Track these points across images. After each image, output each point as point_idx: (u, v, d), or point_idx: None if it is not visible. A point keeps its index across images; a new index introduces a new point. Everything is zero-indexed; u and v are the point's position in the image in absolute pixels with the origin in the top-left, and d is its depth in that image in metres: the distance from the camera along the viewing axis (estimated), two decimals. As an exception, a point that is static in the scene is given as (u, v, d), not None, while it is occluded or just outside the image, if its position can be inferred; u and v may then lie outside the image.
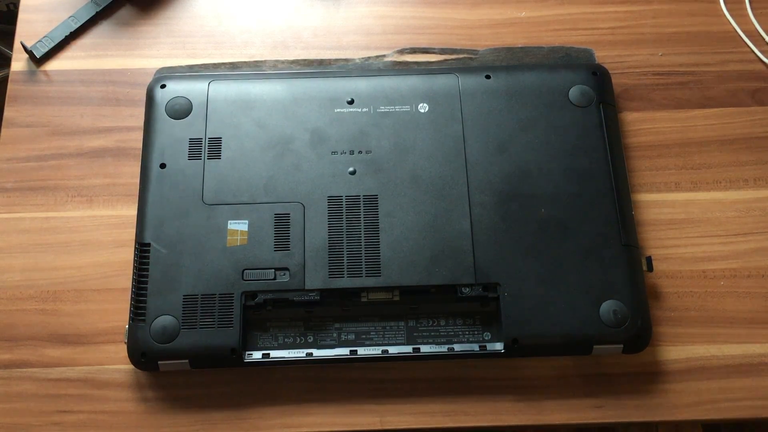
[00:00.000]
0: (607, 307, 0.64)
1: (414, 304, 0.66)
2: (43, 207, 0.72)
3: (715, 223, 0.72)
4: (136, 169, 0.71)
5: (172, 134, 0.71)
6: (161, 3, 0.82)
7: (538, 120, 0.72)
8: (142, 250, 0.66)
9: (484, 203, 0.68)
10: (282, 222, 0.67)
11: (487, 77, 0.74)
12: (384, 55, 0.80)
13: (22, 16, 0.81)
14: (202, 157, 0.70)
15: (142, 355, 0.63)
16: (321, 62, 0.79)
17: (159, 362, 0.63)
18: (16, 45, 0.79)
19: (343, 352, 0.65)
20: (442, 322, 0.66)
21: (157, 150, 0.70)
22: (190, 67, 0.78)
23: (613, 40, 0.81)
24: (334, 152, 0.70)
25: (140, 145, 0.72)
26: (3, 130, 0.75)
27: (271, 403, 0.65)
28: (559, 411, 0.65)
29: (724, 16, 0.82)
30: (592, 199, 0.68)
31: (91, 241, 0.71)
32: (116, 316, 0.68)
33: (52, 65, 0.79)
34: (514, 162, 0.70)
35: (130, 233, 0.68)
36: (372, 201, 0.68)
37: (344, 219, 0.67)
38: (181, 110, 0.72)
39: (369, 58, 0.79)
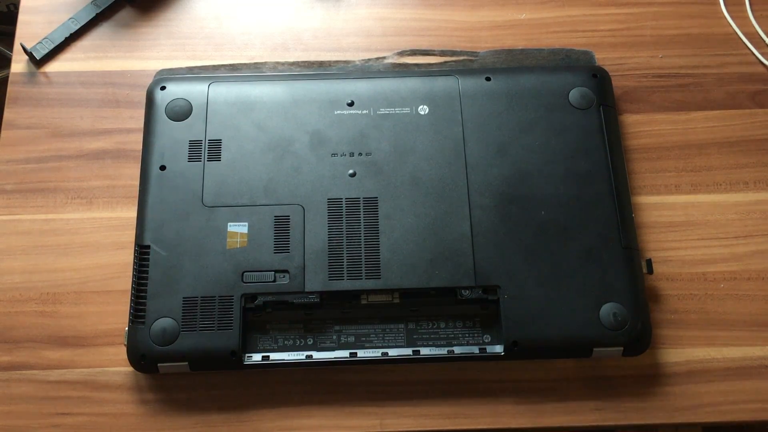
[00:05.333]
0: (607, 309, 0.64)
1: (414, 307, 0.66)
2: (43, 209, 0.72)
3: (715, 226, 0.72)
4: (136, 171, 0.71)
5: (172, 136, 0.71)
6: (161, 5, 0.82)
7: (539, 122, 0.72)
8: (141, 252, 0.66)
9: (484, 205, 0.68)
10: (282, 224, 0.67)
11: (488, 79, 0.74)
12: (384, 57, 0.80)
13: (22, 17, 0.81)
14: (202, 159, 0.70)
15: (141, 357, 0.63)
16: (321, 64, 0.79)
17: (159, 364, 0.63)
18: (16, 46, 0.79)
19: (343, 354, 0.64)
20: (442, 325, 0.66)
21: (157, 152, 0.70)
22: (190, 69, 0.78)
23: (614, 42, 0.81)
24: (334, 154, 0.70)
25: (140, 146, 0.72)
26: (3, 131, 0.75)
27: (271, 405, 0.65)
28: (558, 413, 0.65)
29: (725, 18, 0.82)
30: (592, 201, 0.68)
31: (90, 243, 0.71)
32: (116, 318, 0.68)
33: (52, 67, 0.79)
34: (514, 164, 0.70)
35: (130, 235, 0.68)
36: (372, 203, 0.68)
37: (344, 221, 0.67)
38: (181, 112, 0.72)
39: (369, 60, 0.79)
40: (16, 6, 1.21)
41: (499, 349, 0.65)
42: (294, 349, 0.65)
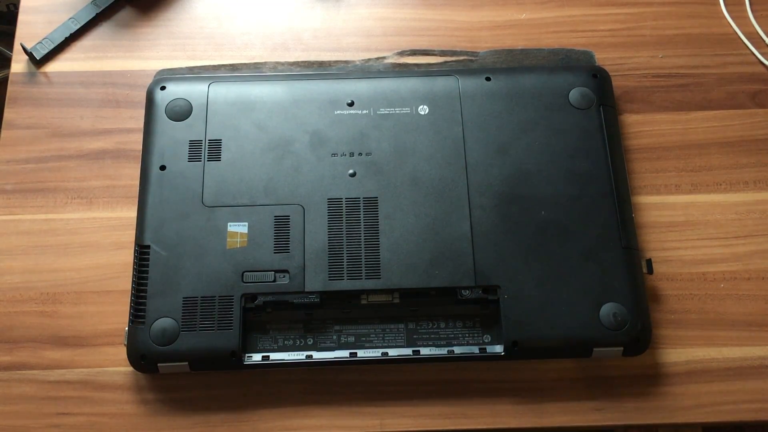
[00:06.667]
0: (607, 309, 0.64)
1: (414, 307, 0.66)
2: (43, 209, 0.72)
3: (715, 226, 0.72)
4: (136, 171, 0.71)
5: (172, 136, 0.71)
6: (161, 5, 0.82)
7: (539, 122, 0.72)
8: (141, 252, 0.66)
9: (484, 205, 0.68)
10: (282, 224, 0.67)
11: (488, 79, 0.74)
12: (384, 57, 0.80)
13: (22, 17, 0.81)
14: (202, 159, 0.70)
15: (141, 357, 0.63)
16: (321, 64, 0.79)
17: (158, 364, 0.63)
18: (16, 46, 0.79)
19: (343, 354, 0.64)
20: (442, 325, 0.66)
21: (157, 152, 0.70)
22: (190, 69, 0.78)
23: (614, 42, 0.81)
24: (334, 154, 0.70)
25: (140, 146, 0.72)
26: (3, 131, 0.75)
27: (271, 405, 0.65)
28: (559, 413, 0.65)
29: (725, 18, 0.82)
30: (592, 201, 0.68)
31: (90, 243, 0.71)
32: (116, 318, 0.68)
33: (52, 67, 0.79)
34: (514, 164, 0.70)
35: (130, 235, 0.68)
36: (372, 203, 0.68)
37: (344, 221, 0.67)
38: (181, 112, 0.72)
39: (369, 59, 0.79)
40: (16, 6, 1.21)
41: (499, 349, 0.65)
42: (294, 349, 0.65)
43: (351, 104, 0.72)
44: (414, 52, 0.80)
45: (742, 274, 0.70)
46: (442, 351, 0.65)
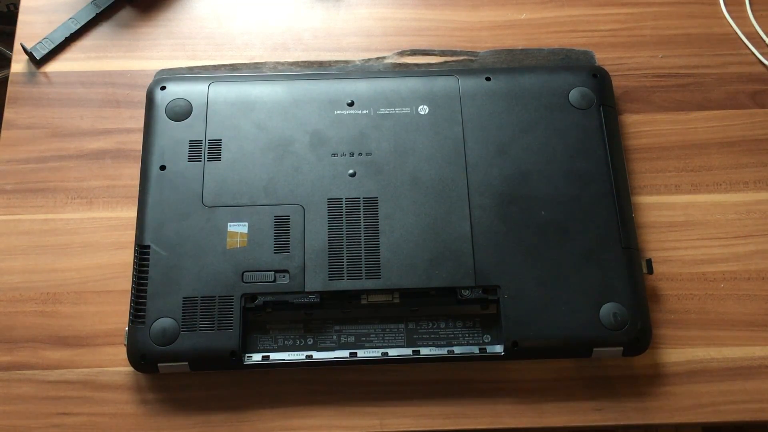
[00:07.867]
0: (607, 309, 0.64)
1: (414, 307, 0.66)
2: (43, 209, 0.72)
3: (715, 226, 0.72)
4: (136, 171, 0.71)
5: (172, 136, 0.71)
6: (161, 4, 0.82)
7: (539, 122, 0.72)
8: (141, 252, 0.66)
9: (484, 205, 0.68)
10: (282, 224, 0.67)
11: (488, 79, 0.74)
12: (384, 57, 0.80)
13: (22, 17, 0.81)
14: (202, 159, 0.70)
15: (141, 357, 0.63)
16: (321, 64, 0.79)
17: (159, 364, 0.63)
18: (16, 46, 0.79)
19: (343, 354, 0.64)
20: (442, 325, 0.66)
21: (157, 152, 0.70)
22: (190, 69, 0.78)
23: (614, 42, 0.81)
24: (334, 154, 0.70)
25: (140, 146, 0.72)
26: (3, 131, 0.75)
27: (271, 405, 0.65)
28: (558, 414, 0.65)
29: (725, 18, 0.82)
30: (592, 201, 0.68)
31: (90, 243, 0.71)
32: (116, 318, 0.68)
33: (52, 67, 0.79)
34: (514, 164, 0.70)
35: (130, 235, 0.68)
36: (372, 203, 0.68)
37: (344, 221, 0.67)
38: (181, 112, 0.72)
39: (369, 59, 0.79)
40: (16, 6, 1.21)
41: (499, 349, 0.65)
42: (294, 349, 0.65)
43: (351, 104, 0.72)
44: (414, 52, 0.80)
45: (742, 274, 0.70)
46: (442, 351, 0.65)
